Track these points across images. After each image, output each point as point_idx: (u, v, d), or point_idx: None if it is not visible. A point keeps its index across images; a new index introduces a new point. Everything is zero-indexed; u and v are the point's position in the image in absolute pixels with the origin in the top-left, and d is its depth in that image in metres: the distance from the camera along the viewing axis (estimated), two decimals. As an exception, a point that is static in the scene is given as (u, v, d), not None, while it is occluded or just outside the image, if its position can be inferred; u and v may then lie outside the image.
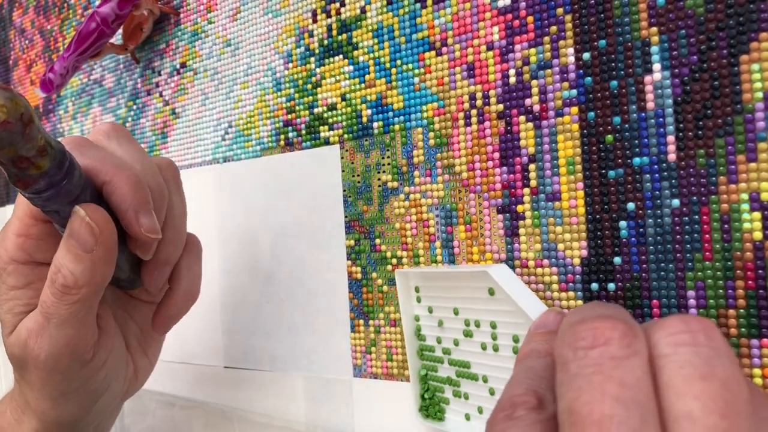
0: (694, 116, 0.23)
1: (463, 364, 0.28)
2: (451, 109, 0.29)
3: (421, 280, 0.30)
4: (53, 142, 0.21)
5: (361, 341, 0.33)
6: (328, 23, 0.34)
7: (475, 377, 0.28)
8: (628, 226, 0.24)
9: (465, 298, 0.28)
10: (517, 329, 0.26)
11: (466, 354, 0.28)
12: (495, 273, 0.26)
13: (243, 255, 0.38)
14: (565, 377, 0.15)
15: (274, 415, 0.37)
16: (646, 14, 0.24)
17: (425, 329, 0.30)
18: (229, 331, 0.40)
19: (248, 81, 0.38)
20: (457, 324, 0.28)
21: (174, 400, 0.44)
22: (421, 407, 0.30)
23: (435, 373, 0.30)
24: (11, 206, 0.58)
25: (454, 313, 0.28)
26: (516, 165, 0.27)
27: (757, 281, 0.22)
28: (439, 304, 0.29)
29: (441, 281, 0.29)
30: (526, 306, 0.25)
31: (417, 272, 0.30)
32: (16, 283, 0.26)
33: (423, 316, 0.30)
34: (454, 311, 0.28)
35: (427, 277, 0.30)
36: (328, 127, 0.34)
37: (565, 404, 0.14)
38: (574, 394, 0.14)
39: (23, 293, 0.26)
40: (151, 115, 0.44)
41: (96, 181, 0.25)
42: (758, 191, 0.21)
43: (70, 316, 0.25)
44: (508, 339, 0.26)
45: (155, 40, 0.44)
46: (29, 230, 0.26)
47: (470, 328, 0.28)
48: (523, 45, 0.27)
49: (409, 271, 0.30)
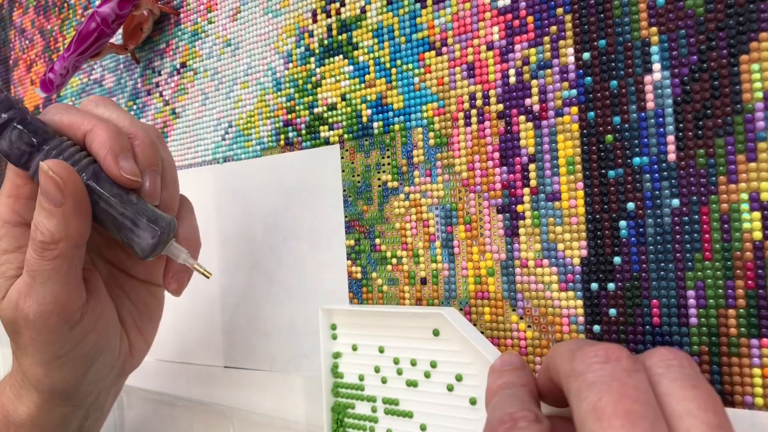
0: (694, 116, 0.23)
1: (392, 401, 0.29)
2: (451, 109, 0.29)
3: (343, 318, 0.31)
4: None
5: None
6: (328, 23, 0.34)
7: (408, 414, 0.29)
8: (628, 226, 0.24)
9: (397, 337, 0.29)
10: (459, 368, 0.27)
11: (395, 391, 0.29)
12: (449, 315, 0.27)
13: (243, 255, 0.38)
14: (583, 385, 0.18)
15: (274, 415, 0.37)
16: (646, 14, 0.24)
17: (344, 366, 0.31)
18: (229, 331, 0.40)
19: (248, 81, 0.38)
20: (384, 362, 0.29)
21: (174, 400, 0.44)
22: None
23: (353, 410, 0.31)
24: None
25: (379, 351, 0.30)
26: (516, 165, 0.27)
27: (757, 281, 0.22)
28: (364, 342, 0.30)
29: (367, 320, 0.30)
30: (482, 347, 0.26)
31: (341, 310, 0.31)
32: (8, 246, 0.27)
33: (345, 354, 0.31)
34: (380, 349, 0.30)
35: (353, 316, 0.30)
36: (328, 127, 0.34)
37: (588, 405, 0.17)
38: (596, 396, 0.17)
39: (15, 257, 0.27)
40: (151, 115, 0.44)
41: (78, 134, 0.26)
42: (758, 191, 0.21)
43: (53, 272, 0.25)
44: (446, 377, 0.27)
45: (155, 40, 0.44)
46: (19, 191, 0.26)
47: (400, 366, 0.29)
48: (523, 45, 0.27)
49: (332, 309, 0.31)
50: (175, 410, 0.44)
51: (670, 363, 0.19)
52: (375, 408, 0.30)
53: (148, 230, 0.26)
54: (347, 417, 0.31)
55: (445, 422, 0.27)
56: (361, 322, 0.30)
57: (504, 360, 0.25)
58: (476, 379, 0.26)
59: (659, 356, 0.19)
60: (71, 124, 0.26)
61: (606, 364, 0.18)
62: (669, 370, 0.19)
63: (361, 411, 0.30)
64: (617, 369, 0.18)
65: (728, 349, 0.22)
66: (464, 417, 0.27)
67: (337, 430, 0.31)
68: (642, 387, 0.17)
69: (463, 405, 0.27)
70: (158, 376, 0.44)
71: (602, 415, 0.17)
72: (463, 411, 0.27)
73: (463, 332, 0.26)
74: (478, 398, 0.26)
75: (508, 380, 0.23)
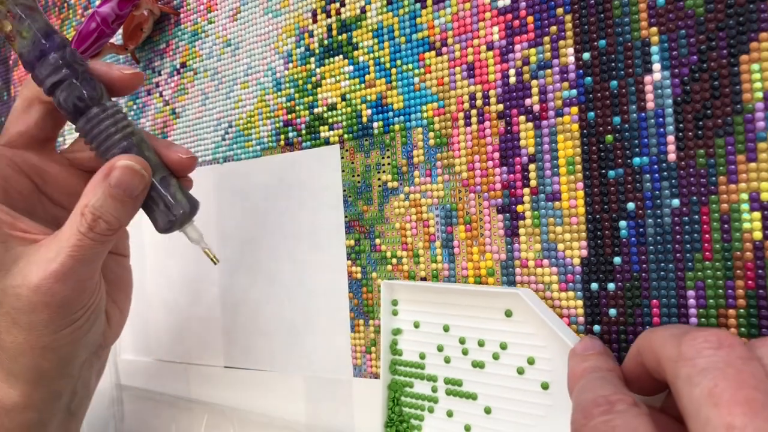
0: (694, 116, 0.23)
1: (455, 381, 0.28)
2: (451, 109, 0.29)
3: (406, 293, 0.30)
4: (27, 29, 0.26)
5: (361, 341, 0.33)
6: (328, 23, 0.34)
7: (472, 395, 0.28)
8: (628, 226, 0.24)
9: (464, 316, 0.28)
10: (532, 351, 0.26)
11: (458, 371, 0.28)
12: (526, 296, 0.26)
13: (243, 255, 0.38)
14: (694, 370, 0.17)
15: (274, 415, 0.37)
16: (646, 14, 0.24)
17: (404, 344, 0.30)
18: (229, 331, 0.40)
19: (248, 81, 0.38)
20: (448, 341, 0.28)
21: (174, 400, 0.44)
22: (387, 423, 0.30)
23: (411, 389, 0.30)
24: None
25: (443, 330, 0.28)
26: (516, 165, 0.27)
27: (757, 281, 0.22)
28: (427, 319, 0.29)
29: (432, 297, 0.29)
30: (561, 331, 0.25)
31: (405, 284, 0.30)
32: None
33: (406, 331, 0.30)
34: (444, 328, 0.28)
35: (418, 291, 0.29)
36: (328, 127, 0.34)
37: (703, 390, 0.16)
38: (711, 382, 0.16)
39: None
40: (151, 115, 0.44)
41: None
42: (758, 191, 0.21)
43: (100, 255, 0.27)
44: (517, 360, 0.26)
45: (155, 40, 0.44)
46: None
47: (467, 346, 0.28)
48: (523, 45, 0.27)
49: (395, 283, 0.30)
50: (175, 410, 0.44)
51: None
52: (435, 388, 0.29)
53: (165, 215, 0.28)
54: (404, 396, 0.30)
55: (513, 406, 0.26)
56: (425, 299, 0.29)
57: (586, 344, 0.23)
58: (550, 363, 0.25)
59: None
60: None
61: (719, 350, 0.17)
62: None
63: (420, 390, 0.29)
64: (731, 355, 0.17)
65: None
66: (534, 401, 0.25)
67: (393, 408, 0.30)
68: (759, 375, 0.16)
69: (534, 389, 0.26)
70: (158, 376, 0.44)
71: (719, 401, 0.16)
72: (533, 395, 0.26)
73: (542, 314, 0.25)
74: (551, 382, 0.25)
75: (594, 364, 0.22)
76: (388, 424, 0.30)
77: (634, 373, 0.21)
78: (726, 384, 0.16)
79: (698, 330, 0.18)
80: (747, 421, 0.15)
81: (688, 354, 0.17)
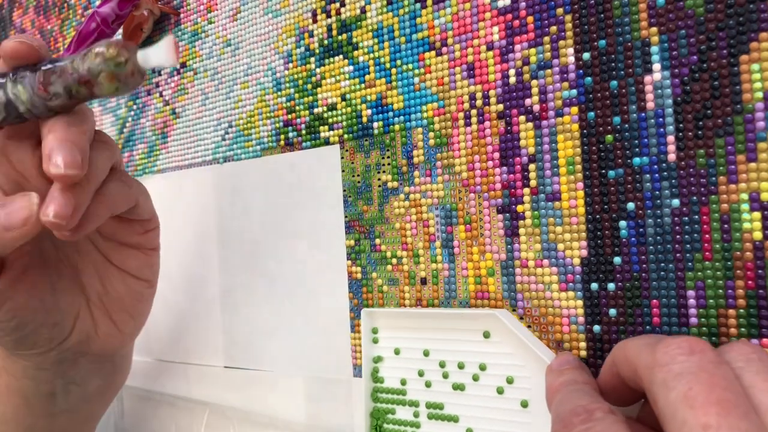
0: (694, 116, 0.23)
1: (436, 405, 0.28)
2: (451, 109, 0.29)
3: (386, 320, 0.30)
4: None
5: (361, 341, 0.33)
6: (328, 23, 0.34)
7: (453, 418, 0.28)
8: (628, 226, 0.24)
9: (444, 340, 0.28)
10: (510, 371, 0.26)
11: (440, 395, 0.28)
12: (503, 316, 0.26)
13: (243, 255, 0.38)
14: (669, 375, 0.18)
15: (274, 415, 0.37)
16: (646, 14, 0.24)
17: (385, 371, 0.30)
18: (229, 331, 0.40)
19: (248, 81, 0.38)
20: (428, 365, 0.29)
21: (174, 400, 0.44)
22: None
23: (393, 416, 0.30)
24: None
25: (423, 355, 0.29)
26: (516, 165, 0.27)
27: (757, 281, 0.22)
28: (408, 345, 0.29)
29: (412, 322, 0.29)
30: (538, 349, 0.25)
31: (385, 312, 0.30)
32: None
33: (387, 358, 0.30)
34: (424, 353, 0.29)
35: (397, 318, 0.30)
36: (328, 127, 0.34)
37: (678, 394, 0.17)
38: (686, 386, 0.17)
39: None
40: (151, 115, 0.44)
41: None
42: (758, 191, 0.21)
43: None
44: (496, 380, 0.27)
45: (155, 40, 0.44)
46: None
47: (447, 369, 0.28)
48: (523, 45, 0.27)
49: (375, 311, 0.30)
50: (175, 410, 0.44)
51: (750, 357, 0.19)
52: (417, 413, 0.29)
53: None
54: (387, 423, 0.30)
55: (494, 426, 0.27)
56: (405, 324, 0.29)
57: (562, 360, 0.24)
58: (529, 381, 0.26)
59: (737, 350, 0.19)
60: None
61: (692, 356, 0.18)
62: (750, 363, 0.19)
63: (402, 416, 0.30)
64: (704, 360, 0.18)
65: (728, 349, 0.22)
66: (514, 420, 0.26)
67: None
68: (729, 377, 0.17)
69: (513, 408, 0.26)
70: (158, 376, 0.44)
71: (695, 403, 0.17)
72: (513, 414, 0.26)
73: (518, 333, 0.26)
74: (530, 400, 0.26)
75: (570, 378, 0.23)
76: None
77: (609, 384, 0.22)
78: (700, 387, 0.17)
79: (671, 338, 0.19)
80: (721, 420, 0.16)
81: (663, 360, 0.18)
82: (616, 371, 0.21)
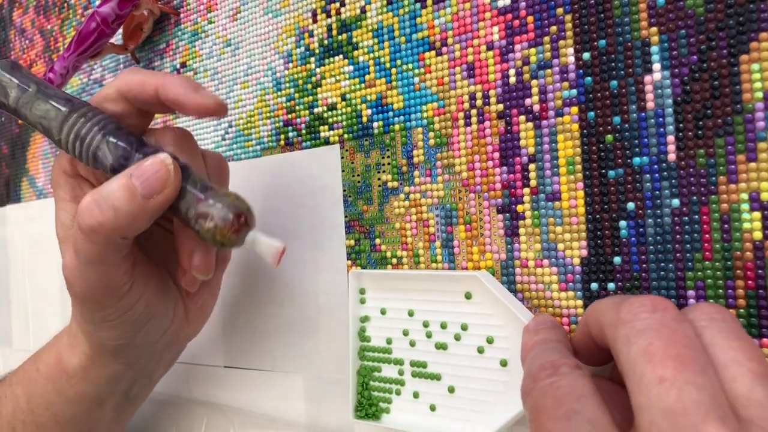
0: (694, 116, 0.23)
1: (420, 364, 0.29)
2: (451, 109, 0.29)
3: (373, 281, 0.31)
4: None
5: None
6: (328, 23, 0.34)
7: (436, 376, 0.29)
8: (628, 226, 0.24)
9: (428, 301, 0.29)
10: (490, 331, 0.27)
11: (423, 354, 0.29)
12: (484, 278, 0.27)
13: (243, 255, 0.38)
14: (631, 331, 0.18)
15: (274, 415, 0.37)
16: (646, 14, 0.24)
17: (372, 330, 0.31)
18: (229, 331, 0.40)
19: (248, 81, 0.38)
20: (413, 325, 0.29)
21: (174, 400, 0.44)
22: (357, 407, 0.31)
23: (379, 373, 0.31)
24: (12, 206, 0.58)
25: (408, 315, 0.29)
26: (516, 165, 0.27)
27: (757, 281, 0.22)
28: (393, 305, 0.30)
29: (397, 284, 0.30)
30: (517, 309, 0.26)
31: (371, 273, 0.31)
32: (65, 195, 0.28)
33: (373, 317, 0.31)
34: (409, 313, 0.29)
35: (383, 279, 0.30)
36: (328, 127, 0.34)
37: (638, 349, 0.18)
38: (646, 341, 0.18)
39: (71, 206, 0.28)
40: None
41: (149, 89, 0.26)
42: (758, 191, 0.21)
43: (98, 255, 0.25)
44: (477, 340, 0.27)
45: (155, 40, 0.44)
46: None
47: (430, 329, 0.29)
48: (523, 45, 0.27)
49: (362, 272, 0.31)
50: (175, 410, 0.44)
51: (713, 316, 0.19)
52: (402, 371, 0.30)
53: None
54: (373, 380, 0.31)
55: (474, 384, 0.27)
56: (391, 285, 0.30)
57: (538, 320, 0.25)
58: (508, 341, 0.26)
59: (701, 310, 0.20)
60: (142, 81, 0.26)
61: (654, 313, 0.18)
62: (712, 322, 0.19)
63: (388, 374, 0.30)
64: (665, 318, 0.18)
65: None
66: (494, 378, 0.27)
67: (362, 392, 0.31)
68: (690, 335, 0.18)
69: (493, 367, 0.27)
70: (158, 376, 0.44)
71: (653, 357, 0.17)
72: (492, 373, 0.27)
73: (498, 294, 0.26)
74: (509, 360, 0.26)
75: (544, 337, 0.23)
76: (357, 408, 0.31)
77: (582, 343, 0.22)
78: (660, 342, 0.17)
79: (636, 297, 0.19)
80: (677, 374, 0.16)
81: (626, 318, 0.19)
82: (587, 331, 0.22)
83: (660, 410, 0.16)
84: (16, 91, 0.26)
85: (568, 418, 0.18)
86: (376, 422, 0.30)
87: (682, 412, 0.16)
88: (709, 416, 0.16)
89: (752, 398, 0.17)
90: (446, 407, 0.28)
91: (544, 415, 0.19)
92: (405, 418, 0.30)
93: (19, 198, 0.57)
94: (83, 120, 0.25)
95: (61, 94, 0.26)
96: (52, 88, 0.26)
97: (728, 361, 0.18)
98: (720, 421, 0.16)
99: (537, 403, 0.19)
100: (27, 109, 0.26)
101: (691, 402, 0.16)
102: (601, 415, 0.18)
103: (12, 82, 0.26)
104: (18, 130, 0.57)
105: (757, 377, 0.17)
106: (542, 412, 0.19)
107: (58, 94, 0.26)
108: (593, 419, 0.18)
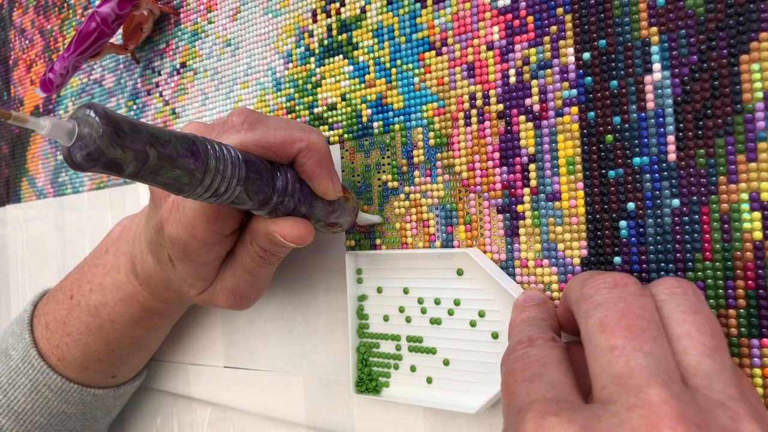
0: (694, 116, 0.23)
1: (416, 339, 0.30)
2: (451, 109, 0.29)
3: (369, 262, 0.32)
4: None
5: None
6: (328, 23, 0.34)
7: (431, 350, 0.30)
8: (628, 226, 0.24)
9: (422, 278, 0.30)
10: (482, 305, 0.28)
11: (419, 329, 0.30)
12: (474, 255, 0.28)
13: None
14: (590, 306, 0.19)
15: (274, 415, 0.37)
16: (646, 14, 0.24)
17: (369, 308, 0.32)
18: (229, 331, 0.40)
19: (248, 81, 0.38)
20: (408, 302, 0.31)
21: (174, 399, 0.44)
22: (357, 382, 0.32)
23: (377, 349, 0.32)
24: (12, 206, 0.58)
25: (404, 292, 0.31)
26: (516, 165, 0.27)
27: (757, 281, 0.22)
28: (389, 284, 0.31)
29: (392, 263, 0.31)
30: (506, 284, 0.27)
31: (367, 254, 0.32)
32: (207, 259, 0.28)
33: (371, 296, 0.32)
34: (404, 291, 0.31)
35: (379, 259, 0.31)
36: (328, 127, 0.34)
37: (595, 321, 0.19)
38: (603, 313, 0.19)
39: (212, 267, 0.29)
40: (151, 115, 0.44)
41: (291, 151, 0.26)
42: (758, 191, 0.21)
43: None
44: (469, 314, 0.28)
45: (155, 40, 0.44)
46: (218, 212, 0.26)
47: (425, 306, 0.30)
48: (523, 45, 0.27)
49: (359, 253, 0.32)
50: (175, 410, 0.44)
51: (675, 290, 0.20)
52: (399, 346, 0.31)
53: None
54: (372, 356, 0.32)
55: (467, 356, 0.28)
56: (386, 265, 0.31)
57: (527, 296, 0.26)
58: (498, 314, 0.27)
59: (664, 285, 0.21)
60: (282, 143, 0.26)
61: (614, 289, 0.20)
62: (673, 297, 0.20)
63: (386, 349, 0.31)
64: (624, 292, 0.19)
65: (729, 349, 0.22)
66: (486, 351, 0.28)
67: (362, 368, 0.32)
68: (647, 307, 0.19)
69: (485, 339, 0.28)
70: (158, 376, 0.44)
71: (606, 328, 0.18)
72: (484, 345, 0.28)
73: (489, 270, 0.27)
74: (500, 332, 0.27)
75: (531, 314, 0.24)
76: (358, 383, 0.32)
77: (564, 318, 0.24)
78: (614, 314, 0.19)
79: (601, 274, 0.21)
80: (627, 342, 0.18)
81: (588, 293, 0.20)
82: (567, 305, 0.23)
83: (610, 375, 0.17)
84: (133, 165, 0.19)
85: (531, 380, 0.19)
86: (376, 396, 0.31)
87: (628, 375, 0.17)
88: (652, 379, 0.17)
89: (699, 369, 0.18)
90: (442, 379, 0.29)
91: (512, 378, 0.20)
92: (404, 392, 0.31)
93: (19, 198, 0.57)
94: (219, 178, 0.23)
95: (181, 147, 0.21)
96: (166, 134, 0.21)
97: (681, 334, 0.19)
98: (663, 385, 0.17)
99: (508, 369, 0.21)
100: (150, 179, 0.21)
101: (638, 366, 0.17)
102: (563, 378, 0.19)
103: (126, 156, 0.19)
104: (18, 131, 0.57)
105: (707, 350, 0.19)
106: (510, 376, 0.20)
107: (180, 152, 0.21)
108: (555, 382, 0.19)
